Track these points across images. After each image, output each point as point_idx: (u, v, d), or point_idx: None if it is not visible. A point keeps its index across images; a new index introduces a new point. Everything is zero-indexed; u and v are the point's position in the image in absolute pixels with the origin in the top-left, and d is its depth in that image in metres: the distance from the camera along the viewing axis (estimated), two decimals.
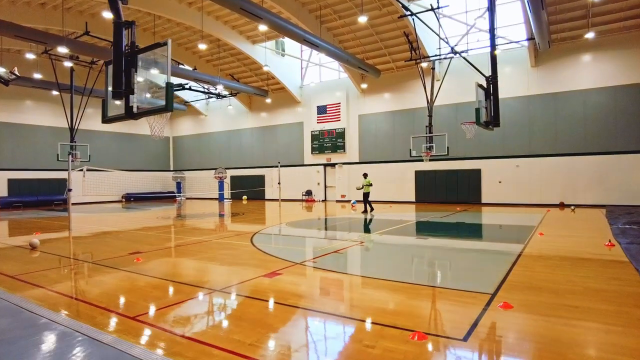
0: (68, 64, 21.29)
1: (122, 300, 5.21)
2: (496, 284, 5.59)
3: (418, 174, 23.28)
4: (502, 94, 13.98)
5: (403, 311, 4.60)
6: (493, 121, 12.49)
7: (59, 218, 17.66)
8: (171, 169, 35.69)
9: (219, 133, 32.59)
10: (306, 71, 27.89)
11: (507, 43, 19.43)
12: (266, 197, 29.05)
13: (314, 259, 7.56)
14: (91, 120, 29.25)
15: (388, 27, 21.22)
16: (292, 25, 16.63)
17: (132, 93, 6.42)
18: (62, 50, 16.89)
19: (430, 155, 19.68)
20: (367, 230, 12.37)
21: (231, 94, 27.66)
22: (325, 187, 26.95)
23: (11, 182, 25.60)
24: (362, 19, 16.99)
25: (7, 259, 8.11)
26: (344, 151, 25.71)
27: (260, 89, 27.47)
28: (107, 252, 8.99)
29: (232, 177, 30.74)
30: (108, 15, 14.38)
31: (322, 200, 26.63)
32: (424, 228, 12.82)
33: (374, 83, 24.58)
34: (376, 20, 20.70)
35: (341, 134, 25.81)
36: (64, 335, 3.94)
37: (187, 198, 32.46)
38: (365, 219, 14.88)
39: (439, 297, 5.20)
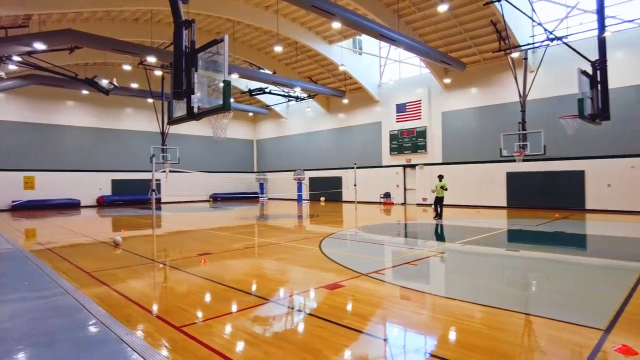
0: (158, 72, 22.88)
1: (173, 305, 5.02)
2: (610, 315, 4.41)
3: (510, 175, 21.12)
4: (612, 83, 11.88)
5: (479, 345, 3.73)
6: (601, 114, 10.65)
7: (148, 216, 18.88)
8: (255, 170, 36.96)
9: (298, 135, 32.97)
10: (384, 69, 26.96)
11: (619, 23, 16.71)
12: (343, 199, 28.62)
13: (382, 270, 6.84)
14: (181, 125, 31.27)
15: (472, 16, 19.53)
16: (366, 21, 15.96)
17: (193, 93, 6.30)
18: (152, 59, 18.07)
19: (524, 155, 17.67)
20: (448, 238, 11.25)
21: (309, 96, 27.78)
22: (405, 189, 25.75)
23: (114, 182, 28.34)
24: (443, 8, 15.77)
25: (90, 255, 8.59)
26: (425, 151, 24.31)
27: (337, 90, 27.15)
28: (178, 252, 9.14)
29: (311, 179, 30.83)
30: None
31: (402, 204, 25.48)
32: (515, 238, 11.33)
33: (459, 77, 22.89)
34: (459, 10, 19.15)
35: (422, 133, 24.45)
36: (102, 342, 3.76)
37: (269, 198, 33.30)
38: (438, 225, 13.64)
39: (529, 328, 4.21)
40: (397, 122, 25.63)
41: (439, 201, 15.72)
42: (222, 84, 5.89)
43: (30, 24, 17.32)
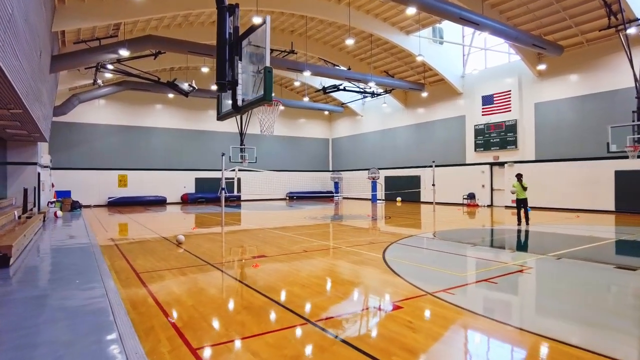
0: None
1: (201, 318, 4.47)
2: None
3: (620, 175, 18.01)
4: None
5: None
6: None
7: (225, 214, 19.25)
8: (330, 169, 36.60)
9: (373, 133, 31.86)
10: (468, 58, 24.78)
11: None
12: (422, 199, 26.93)
13: (453, 288, 5.71)
14: (259, 126, 31.94)
15: None
16: (445, 4, 14.46)
17: (236, 84, 5.76)
18: None
19: None
20: (540, 249, 9.56)
21: (385, 92, 26.56)
22: (492, 189, 23.40)
23: (197, 181, 29.77)
24: None
25: (150, 253, 8.57)
26: (516, 147, 21.81)
27: (416, 83, 25.57)
28: (235, 253, 8.78)
29: (386, 178, 29.56)
30: (258, 21, 14.88)
31: (488, 206, 23.20)
32: (628, 251, 9.28)
33: (555, 63, 20.11)
34: None
35: (512, 127, 21.98)
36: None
37: (344, 198, 32.68)
38: (527, 232, 11.75)
39: None
40: (483, 115, 23.38)
41: (522, 204, 13.50)
42: (262, 75, 5.26)
43: (119, 34, 18.56)
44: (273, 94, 5.37)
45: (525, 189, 13.46)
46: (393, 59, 25.49)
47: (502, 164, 22.67)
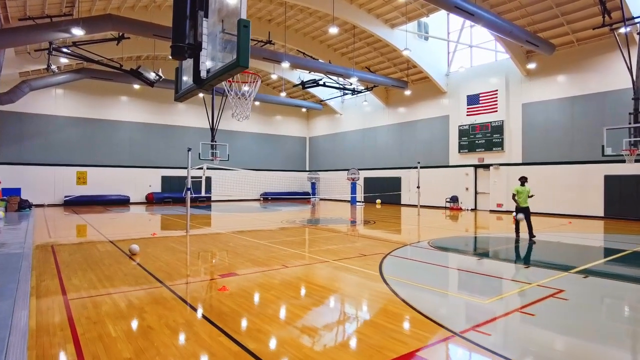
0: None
1: None
2: None
3: (609, 179, 17.36)
4: None
5: None
6: None
7: (191, 216, 17.49)
8: (307, 169, 35.14)
9: (353, 132, 30.60)
10: (454, 56, 23.86)
11: None
12: (402, 201, 25.86)
13: (483, 325, 4.38)
14: (232, 121, 30.17)
15: None
16: None
17: (200, 49, 4.24)
18: None
19: (636, 154, 14.12)
20: (557, 264, 8.42)
21: (367, 89, 25.36)
22: (476, 193, 22.51)
23: (164, 179, 27.67)
24: None
25: (92, 267, 6.84)
26: (502, 149, 20.96)
27: (399, 80, 24.45)
28: (199, 269, 7.21)
29: (366, 179, 28.33)
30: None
31: (472, 209, 22.29)
32: None
33: (545, 62, 19.37)
34: None
35: (498, 128, 21.13)
36: None
37: (321, 199, 31.30)
38: (529, 242, 10.66)
39: None
40: (468, 115, 22.47)
41: (523, 213, 10.96)
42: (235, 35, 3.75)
43: (74, 13, 16.50)
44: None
45: (530, 196, 11.22)
46: (376, 54, 24.29)
47: (487, 166, 21.81)
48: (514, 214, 15.42)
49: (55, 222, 15.12)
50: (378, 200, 26.74)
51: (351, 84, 25.17)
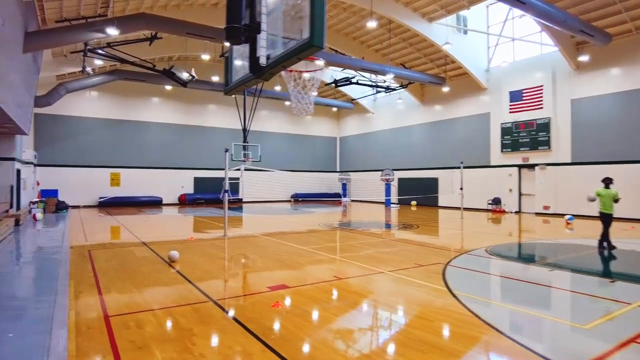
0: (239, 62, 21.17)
1: None
2: None
3: None
4: None
5: None
6: None
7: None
8: (337, 169, 34.44)
9: (386, 131, 29.67)
10: (495, 50, 22.65)
11: None
12: (439, 203, 24.79)
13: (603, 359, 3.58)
14: (263, 122, 29.86)
15: None
16: None
17: (258, 30, 3.61)
18: (228, 44, 16.18)
19: None
20: None
21: (401, 86, 24.45)
22: (520, 194, 21.25)
23: (196, 180, 27.57)
24: None
25: (130, 277, 6.37)
26: (549, 148, 19.66)
27: (436, 77, 23.43)
28: (245, 281, 6.61)
29: (400, 180, 27.37)
30: None
31: (515, 212, 21.05)
32: None
33: (598, 54, 17.99)
34: None
35: (544, 126, 19.83)
36: None
37: (352, 200, 30.53)
38: (603, 250, 9.57)
39: None
40: (510, 112, 21.23)
41: (605, 221, 9.50)
42: (306, 6, 3.11)
43: (108, 13, 16.39)
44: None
45: (616, 200, 9.54)
46: (411, 50, 23.35)
47: (532, 166, 20.53)
48: (567, 217, 14.25)
49: (90, 224, 14.98)
50: (413, 202, 25.76)
51: (385, 81, 24.32)
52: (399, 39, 22.66)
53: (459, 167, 18.87)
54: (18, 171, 17.03)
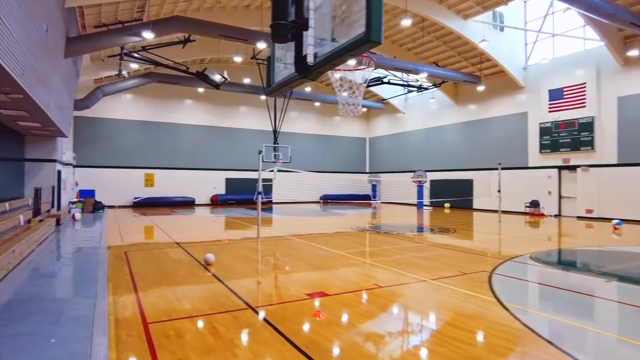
0: None
1: None
2: None
3: None
4: None
5: None
6: None
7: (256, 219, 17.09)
8: (367, 170, 34.05)
9: (417, 131, 29.06)
10: (533, 47, 21.74)
11: None
12: (474, 206, 24.03)
13: None
14: (293, 123, 29.84)
15: None
16: None
17: (305, 27, 3.41)
18: (262, 45, 16.19)
19: None
20: None
21: (434, 85, 23.88)
22: (560, 197, 20.30)
23: (228, 181, 27.83)
24: None
25: (166, 280, 6.31)
26: (592, 149, 18.68)
27: (471, 75, 22.73)
28: (282, 285, 6.43)
29: (432, 181, 26.73)
30: None
31: (555, 215, 20.12)
32: None
33: None
34: None
35: (587, 126, 18.86)
36: None
37: (382, 202, 30.06)
38: None
39: None
40: (550, 112, 20.33)
41: None
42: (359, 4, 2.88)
43: (144, 17, 16.69)
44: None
45: None
46: (445, 48, 22.74)
47: (573, 168, 19.56)
48: (615, 222, 13.45)
49: (125, 224, 15.27)
50: (447, 204, 25.09)
51: (417, 80, 23.83)
52: (432, 37, 22.11)
53: (496, 169, 18.16)
54: (59, 172, 17.59)
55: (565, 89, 19.80)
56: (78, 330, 4.30)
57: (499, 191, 17.39)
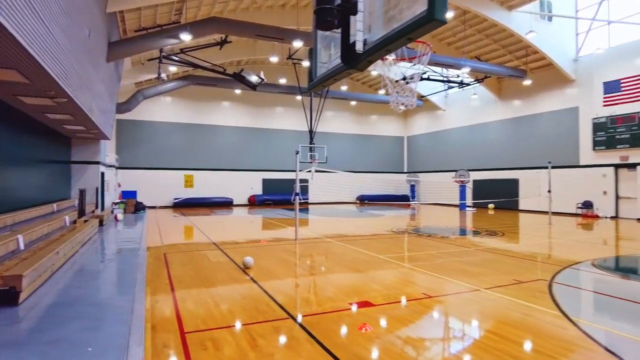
0: (306, 63, 20.97)
1: None
2: None
3: None
4: None
5: None
6: None
7: (293, 220, 16.87)
8: (405, 170, 33.22)
9: (458, 129, 27.99)
10: (586, 36, 20.33)
11: None
12: (520, 207, 22.81)
13: None
14: (328, 122, 29.55)
15: None
16: None
17: (353, 11, 3.05)
18: (298, 44, 15.97)
19: None
20: None
21: (476, 80, 22.87)
22: (617, 197, 18.85)
23: (265, 181, 27.91)
24: None
25: (205, 285, 6.14)
26: None
27: (516, 69, 21.59)
28: (322, 292, 6.08)
29: (474, 181, 25.64)
30: None
31: (611, 217, 18.71)
32: None
33: None
34: None
35: None
36: None
37: (421, 203, 29.19)
38: None
39: None
40: (604, 106, 18.93)
41: None
42: None
43: (181, 20, 16.88)
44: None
45: None
46: (488, 42, 21.70)
47: (633, 166, 18.10)
48: None
49: (165, 225, 15.46)
50: (490, 205, 23.99)
51: (458, 76, 22.91)
52: (474, 31, 21.15)
53: (545, 167, 17.08)
54: (102, 174, 18.12)
55: (622, 81, 18.37)
56: (115, 338, 4.15)
57: (549, 191, 16.32)
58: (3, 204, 9.34)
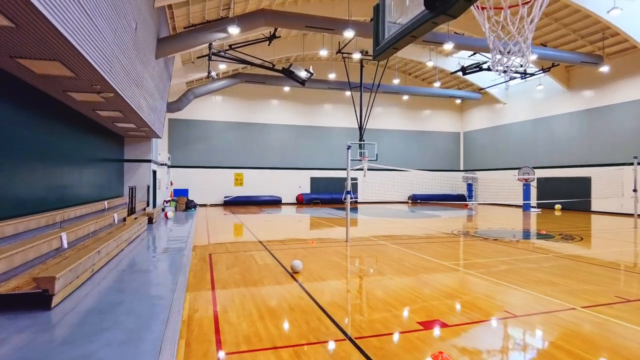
0: (357, 55, 20.09)
1: None
2: None
3: None
4: None
5: None
6: None
7: (342, 219, 16.07)
8: (461, 168, 31.40)
9: (520, 123, 25.88)
10: None
11: None
12: (592, 208, 20.57)
13: None
14: (379, 119, 28.51)
15: None
16: None
17: None
18: (349, 34, 15.14)
19: None
20: None
21: (542, 70, 20.92)
22: None
23: (313, 180, 27.38)
24: None
25: (250, 291, 5.50)
26: None
27: (590, 55, 19.44)
28: (383, 305, 5.22)
29: (538, 180, 23.53)
30: None
31: None
32: None
33: None
34: None
35: None
36: None
37: (479, 203, 27.36)
38: None
39: None
40: None
41: None
42: None
43: (229, 15, 16.61)
44: None
45: None
46: (557, 26, 19.67)
47: None
48: None
49: (214, 223, 15.24)
50: (557, 206, 21.88)
51: (521, 65, 21.00)
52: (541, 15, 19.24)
53: (627, 164, 15.08)
54: (154, 172, 18.31)
55: None
56: (144, 357, 3.57)
57: (634, 190, 14.34)
58: (56, 201, 9.33)
